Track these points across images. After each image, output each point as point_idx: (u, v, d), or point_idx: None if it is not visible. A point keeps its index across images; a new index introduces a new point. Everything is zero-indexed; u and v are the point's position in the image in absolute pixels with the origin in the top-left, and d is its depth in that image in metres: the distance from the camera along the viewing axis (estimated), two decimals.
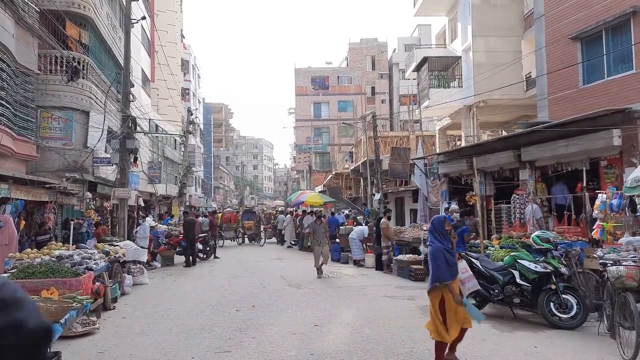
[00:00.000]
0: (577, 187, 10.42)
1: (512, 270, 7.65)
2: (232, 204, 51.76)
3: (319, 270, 12.41)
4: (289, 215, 23.84)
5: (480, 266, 8.03)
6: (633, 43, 11.64)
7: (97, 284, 7.65)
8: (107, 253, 9.27)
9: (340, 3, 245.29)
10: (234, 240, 23.88)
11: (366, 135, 23.61)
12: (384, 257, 13.33)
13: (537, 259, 7.52)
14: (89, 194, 14.97)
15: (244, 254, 19.52)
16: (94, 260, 7.86)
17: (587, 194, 9.74)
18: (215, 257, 17.20)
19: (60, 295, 5.33)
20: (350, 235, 15.60)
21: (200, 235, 16.62)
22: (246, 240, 24.33)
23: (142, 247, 12.81)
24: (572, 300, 7.06)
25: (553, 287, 7.14)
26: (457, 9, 21.49)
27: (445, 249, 5.20)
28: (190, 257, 15.35)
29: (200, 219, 19.41)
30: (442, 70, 21.56)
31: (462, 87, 20.04)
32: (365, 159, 22.82)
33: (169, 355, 5.87)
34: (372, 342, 6.31)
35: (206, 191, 52.85)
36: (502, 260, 8.01)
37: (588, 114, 9.89)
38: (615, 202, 8.07)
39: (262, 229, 24.63)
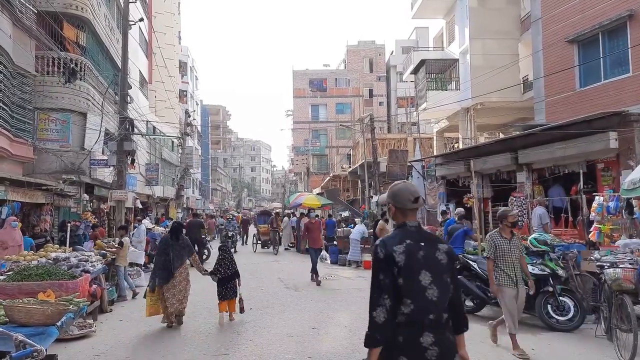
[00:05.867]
0: (573, 190, 10.44)
1: None
2: (214, 208, 51.20)
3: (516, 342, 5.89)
4: (285, 218, 23.81)
5: (477, 268, 8.05)
6: (629, 46, 11.71)
7: (94, 286, 7.62)
8: (104, 255, 9.24)
9: (337, 6, 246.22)
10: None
11: (364, 138, 23.62)
12: None
13: (535, 261, 7.53)
14: (86, 196, 14.93)
15: (241, 256, 19.45)
16: (91, 262, 7.83)
17: (584, 196, 9.76)
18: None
19: (56, 297, 5.28)
20: (351, 236, 15.64)
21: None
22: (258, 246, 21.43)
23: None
24: (570, 302, 7.07)
25: (550, 289, 7.16)
26: (455, 12, 21.56)
27: None
28: None
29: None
30: (440, 72, 21.62)
31: (459, 89, 20.09)
32: (363, 161, 22.84)
33: (166, 358, 5.85)
34: None
35: (203, 193, 52.75)
36: None
37: (585, 117, 9.92)
38: (612, 204, 8.10)
39: (279, 235, 21.32)
